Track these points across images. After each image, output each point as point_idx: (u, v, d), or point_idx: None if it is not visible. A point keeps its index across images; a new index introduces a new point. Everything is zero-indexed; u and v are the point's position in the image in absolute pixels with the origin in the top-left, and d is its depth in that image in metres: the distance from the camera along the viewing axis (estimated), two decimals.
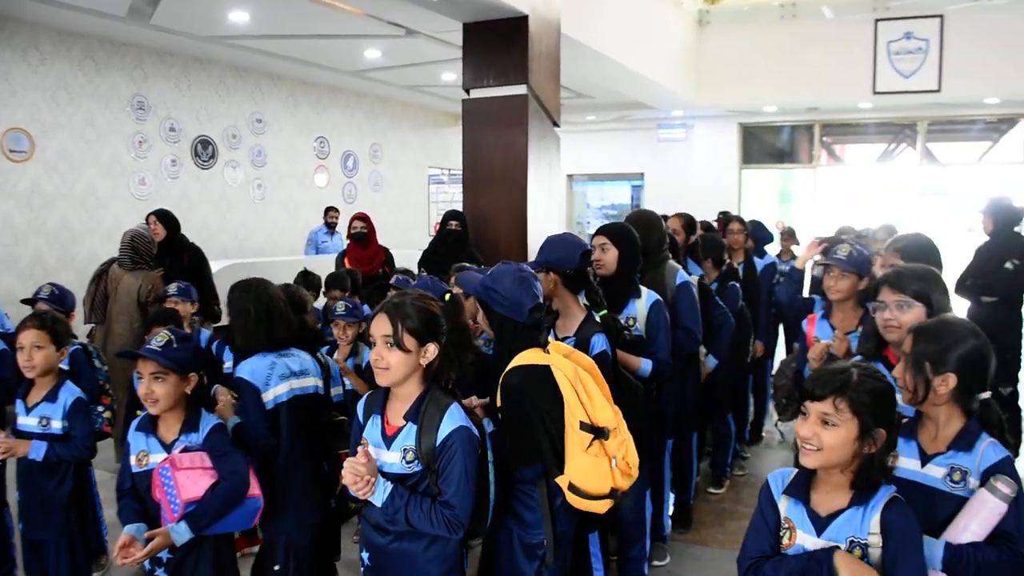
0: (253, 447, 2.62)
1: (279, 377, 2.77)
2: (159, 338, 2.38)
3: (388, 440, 2.15)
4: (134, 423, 2.52)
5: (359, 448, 2.10)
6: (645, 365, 3.27)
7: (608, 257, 3.37)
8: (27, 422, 2.94)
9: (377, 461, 2.12)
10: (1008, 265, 5.29)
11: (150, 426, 2.47)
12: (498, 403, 2.37)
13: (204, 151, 9.29)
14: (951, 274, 3.99)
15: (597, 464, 2.28)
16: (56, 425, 2.94)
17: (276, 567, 2.80)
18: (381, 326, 2.11)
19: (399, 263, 6.72)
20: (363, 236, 6.45)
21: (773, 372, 7.13)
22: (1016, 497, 1.87)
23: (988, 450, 1.98)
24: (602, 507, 2.35)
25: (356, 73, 10.21)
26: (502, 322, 2.43)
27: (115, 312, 5.04)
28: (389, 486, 2.07)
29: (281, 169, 10.35)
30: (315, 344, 3.15)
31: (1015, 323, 5.37)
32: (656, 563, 3.86)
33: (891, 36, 10.56)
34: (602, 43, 8.42)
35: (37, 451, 2.88)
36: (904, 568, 1.71)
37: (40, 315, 3.04)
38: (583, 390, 2.31)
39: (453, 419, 2.11)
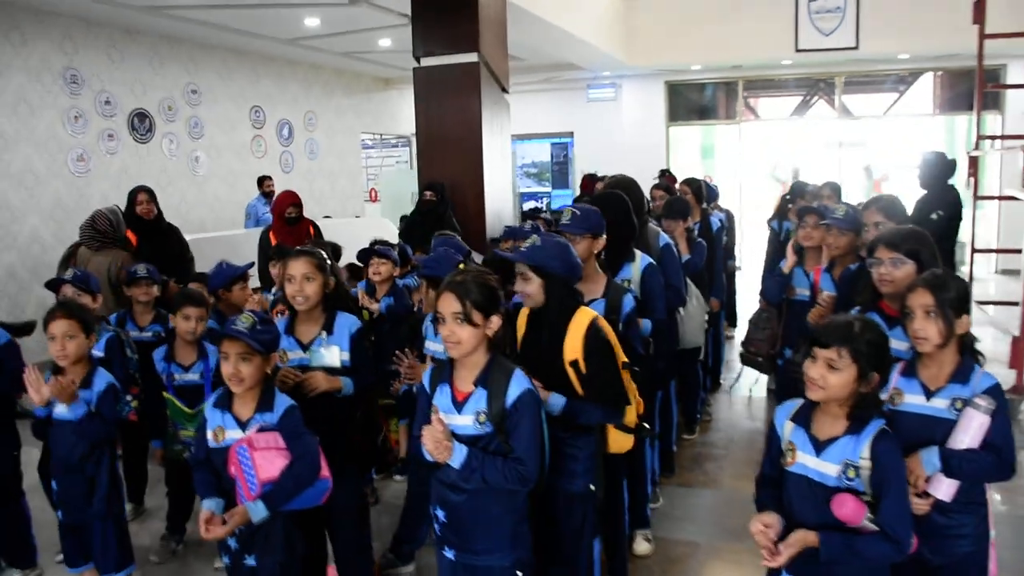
0: None
1: None
2: (244, 320, 2.47)
3: (459, 406, 2.34)
4: (211, 399, 2.63)
5: (434, 416, 2.29)
6: (645, 324, 3.53)
7: None
8: (61, 410, 3.00)
9: (449, 426, 2.32)
10: (933, 216, 5.73)
11: (226, 402, 2.58)
12: (578, 357, 2.61)
13: (141, 124, 9.09)
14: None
15: (634, 396, 2.78)
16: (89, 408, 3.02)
17: None
18: (450, 304, 2.28)
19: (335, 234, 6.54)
20: (298, 219, 6.17)
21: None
22: (995, 411, 2.26)
23: (981, 380, 2.34)
24: (630, 442, 2.85)
25: (291, 41, 10.07)
26: (559, 284, 2.64)
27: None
28: (464, 449, 2.26)
29: (218, 141, 10.19)
30: None
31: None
32: (652, 505, 4.17)
33: None
34: (540, 7, 8.54)
35: (75, 411, 2.95)
36: (889, 485, 2.07)
37: (66, 304, 3.09)
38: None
39: (519, 383, 2.32)
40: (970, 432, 2.27)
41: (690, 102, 14.15)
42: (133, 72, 8.98)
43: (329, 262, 2.98)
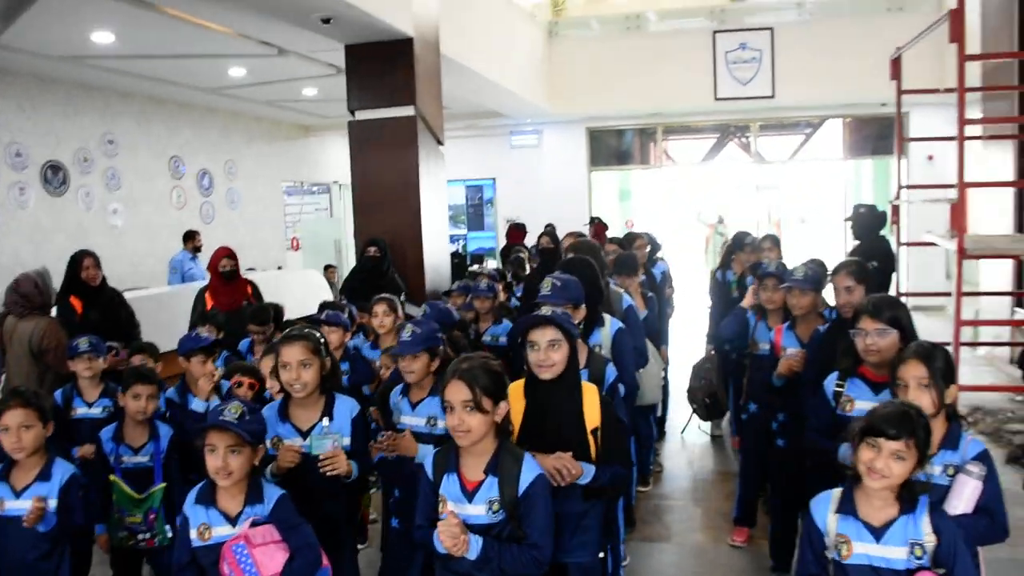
0: None
1: None
2: (232, 410, 2.33)
3: (469, 495, 2.29)
4: (191, 495, 2.46)
5: (448, 512, 2.24)
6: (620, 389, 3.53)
7: None
8: (17, 505, 2.77)
9: (460, 516, 2.25)
10: (869, 266, 5.97)
11: (210, 497, 2.42)
12: (597, 425, 2.66)
13: (55, 176, 8.68)
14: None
15: None
16: (52, 504, 2.80)
17: None
18: (459, 392, 2.24)
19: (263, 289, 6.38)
20: (234, 274, 5.95)
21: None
22: (987, 477, 2.33)
23: (970, 446, 2.43)
24: None
25: (213, 90, 9.85)
26: (575, 352, 2.67)
27: (11, 362, 4.70)
28: (480, 540, 2.21)
29: (136, 192, 9.82)
30: None
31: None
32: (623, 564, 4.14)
33: (728, 47, 11.46)
34: (468, 58, 8.62)
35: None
36: (962, 555, 2.09)
37: (21, 392, 2.88)
38: None
39: (531, 468, 2.30)
40: (964, 498, 2.34)
41: (609, 147, 14.42)
42: (45, 122, 8.60)
43: (323, 342, 2.87)
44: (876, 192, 15.69)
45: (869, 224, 6.11)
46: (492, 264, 14.82)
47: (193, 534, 2.40)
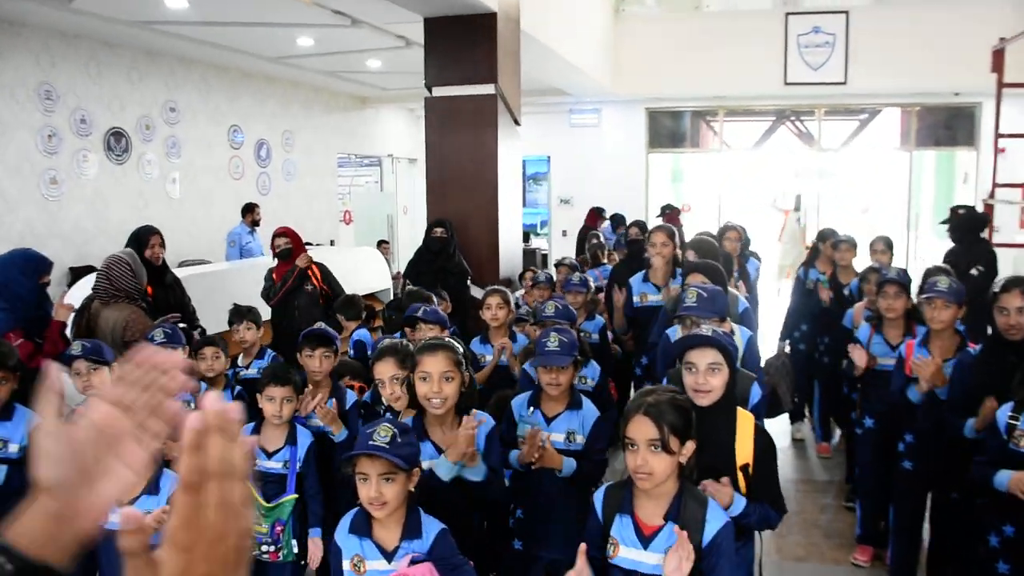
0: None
1: None
2: (382, 432, 2.11)
3: (645, 541, 2.06)
4: (345, 523, 2.24)
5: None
6: None
7: None
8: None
9: (636, 563, 2.03)
10: (973, 271, 5.66)
11: (364, 528, 2.20)
12: (749, 461, 2.47)
13: (117, 144, 8.51)
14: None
15: None
16: (13, 448, 2.73)
17: None
18: (645, 429, 2.01)
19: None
20: (288, 253, 5.78)
21: None
22: None
23: None
24: None
25: (276, 59, 9.62)
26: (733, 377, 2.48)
27: None
28: None
29: (196, 162, 9.64)
30: None
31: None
32: None
33: (801, 29, 11.01)
34: (544, 34, 8.31)
35: None
36: None
37: None
38: None
39: (717, 516, 2.07)
40: None
41: (670, 129, 14.03)
42: (110, 88, 8.42)
43: (465, 353, 2.65)
44: (938, 185, 15.17)
45: (969, 226, 5.76)
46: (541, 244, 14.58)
47: (347, 565, 2.19)
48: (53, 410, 0.83)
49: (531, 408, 3.01)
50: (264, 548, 3.02)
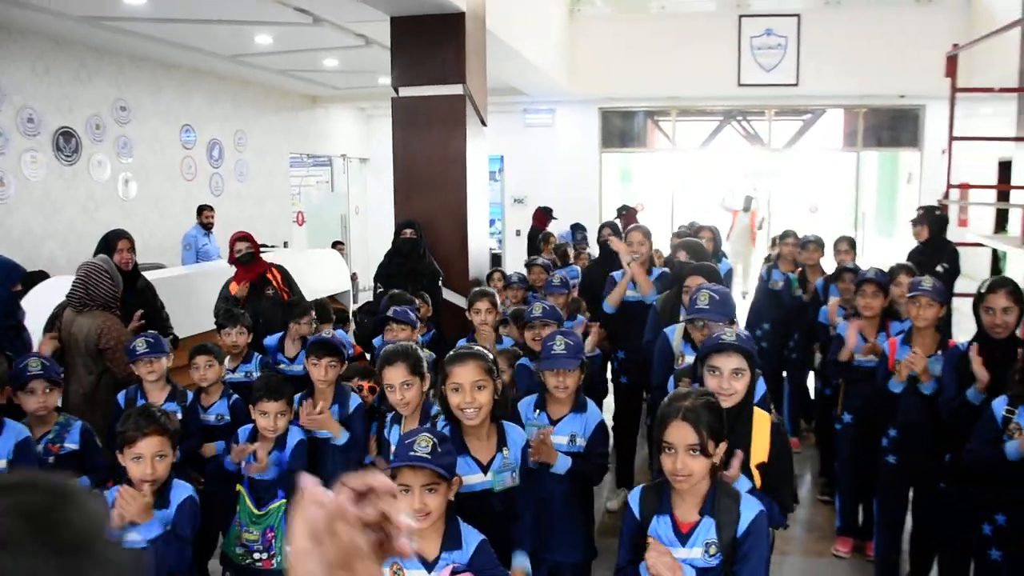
0: None
1: None
2: (423, 443, 2.07)
3: (683, 537, 2.11)
4: None
5: (652, 542, 2.06)
6: None
7: None
8: (134, 538, 2.50)
9: None
10: (939, 269, 5.84)
11: None
12: (764, 459, 2.49)
13: (67, 144, 8.22)
14: None
15: None
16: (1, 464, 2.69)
17: None
18: (684, 435, 2.05)
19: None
20: (250, 257, 5.55)
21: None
22: None
23: None
24: None
25: (229, 57, 9.40)
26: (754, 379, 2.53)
27: (76, 362, 4.27)
28: (693, 570, 2.06)
29: (148, 162, 9.37)
30: None
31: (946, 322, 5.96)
32: None
33: (753, 32, 11.21)
34: (509, 35, 8.30)
35: (147, 531, 2.53)
36: None
37: (155, 417, 2.58)
38: None
39: (750, 507, 2.13)
40: None
41: (622, 129, 14.15)
42: (58, 86, 8.12)
43: (495, 360, 2.61)
44: (881, 185, 15.61)
45: (940, 226, 5.95)
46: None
47: (386, 572, 2.15)
48: (307, 529, 0.81)
49: (537, 411, 3.00)
50: (257, 556, 2.96)
